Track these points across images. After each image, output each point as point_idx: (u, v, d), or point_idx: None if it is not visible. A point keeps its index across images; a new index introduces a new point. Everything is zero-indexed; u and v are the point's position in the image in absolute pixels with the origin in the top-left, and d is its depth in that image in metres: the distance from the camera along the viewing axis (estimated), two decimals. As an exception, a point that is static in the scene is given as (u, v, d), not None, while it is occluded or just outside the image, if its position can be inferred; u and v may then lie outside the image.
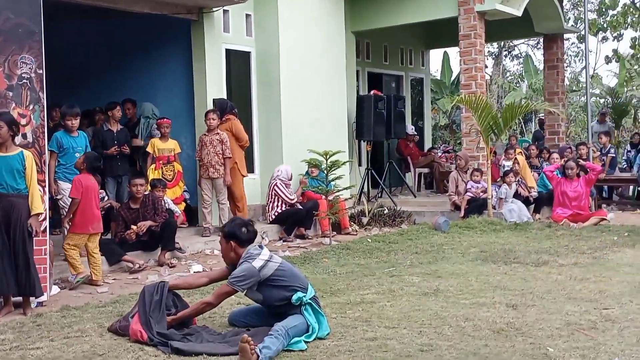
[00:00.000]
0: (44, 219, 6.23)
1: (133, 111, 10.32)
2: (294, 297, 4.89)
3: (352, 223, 10.84)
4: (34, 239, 5.98)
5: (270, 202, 10.24)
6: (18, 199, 5.85)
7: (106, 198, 8.76)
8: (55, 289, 6.71)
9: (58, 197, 7.81)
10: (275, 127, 11.04)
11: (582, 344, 4.62)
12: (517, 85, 29.63)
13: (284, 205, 10.18)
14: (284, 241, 9.89)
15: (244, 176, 10.06)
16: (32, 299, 6.00)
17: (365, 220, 11.11)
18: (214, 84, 10.29)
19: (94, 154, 7.64)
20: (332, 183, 10.13)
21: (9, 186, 5.82)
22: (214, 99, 10.13)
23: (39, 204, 5.97)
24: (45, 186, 6.34)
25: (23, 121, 6.20)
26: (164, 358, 4.49)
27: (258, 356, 4.31)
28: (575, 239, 9.21)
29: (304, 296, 4.92)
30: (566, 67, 26.10)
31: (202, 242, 9.17)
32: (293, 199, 10.23)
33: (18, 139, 6.08)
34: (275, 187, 10.22)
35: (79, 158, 7.41)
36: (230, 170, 9.64)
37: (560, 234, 9.56)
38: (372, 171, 12.95)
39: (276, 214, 10.19)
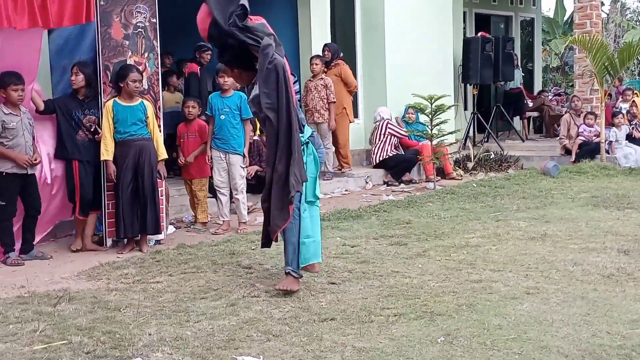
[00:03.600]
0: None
1: None
2: None
3: (456, 168, 10.74)
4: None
5: (381, 142, 10.29)
6: (145, 142, 6.26)
7: None
8: (172, 229, 7.09)
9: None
10: (380, 72, 10.99)
11: (698, 290, 4.46)
12: (637, 23, 27.87)
13: (394, 149, 10.24)
14: (387, 185, 9.95)
15: (350, 122, 10.16)
16: (149, 237, 6.40)
17: (470, 165, 10.97)
18: (318, 30, 10.32)
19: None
20: (437, 127, 10.03)
21: (137, 132, 6.22)
22: (326, 44, 10.17)
23: (164, 150, 6.46)
24: (160, 131, 6.65)
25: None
26: (274, 294, 4.69)
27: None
28: (696, 184, 8.75)
29: (302, 136, 4.84)
30: (692, 2, 24.25)
31: (308, 186, 9.35)
32: (406, 134, 10.28)
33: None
34: (389, 126, 10.30)
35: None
36: (338, 116, 9.79)
37: (680, 180, 9.12)
38: (478, 115, 12.69)
39: (386, 157, 10.24)
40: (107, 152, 6.18)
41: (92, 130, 6.26)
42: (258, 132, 8.91)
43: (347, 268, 5.32)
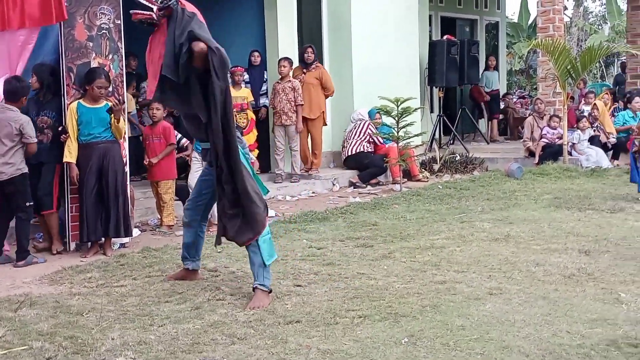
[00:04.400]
0: (125, 164, 6.50)
1: None
2: None
3: (422, 170, 10.83)
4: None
5: (359, 138, 10.39)
6: (109, 144, 6.21)
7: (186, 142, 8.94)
8: (136, 232, 7.02)
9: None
10: (346, 74, 11.04)
11: (656, 290, 4.57)
12: (599, 27, 28.39)
13: (367, 145, 10.35)
14: (354, 187, 9.99)
15: (324, 125, 10.24)
16: (114, 240, 6.34)
17: (436, 167, 11.07)
18: (285, 32, 10.31)
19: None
20: (403, 130, 10.10)
21: (101, 135, 6.16)
22: (310, 45, 10.19)
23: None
24: (125, 132, 6.59)
25: (103, 70, 6.44)
26: (239, 297, 4.69)
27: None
28: (655, 185, 8.92)
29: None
30: (652, 7, 24.73)
31: (274, 188, 9.36)
32: (382, 141, 10.40)
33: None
34: (370, 127, 10.43)
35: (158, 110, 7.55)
36: (316, 119, 9.87)
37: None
38: (444, 118, 12.82)
39: (362, 150, 10.31)
40: (70, 154, 6.11)
41: (58, 130, 6.19)
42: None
43: (313, 270, 5.34)
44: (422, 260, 5.56)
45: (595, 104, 11.75)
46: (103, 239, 6.22)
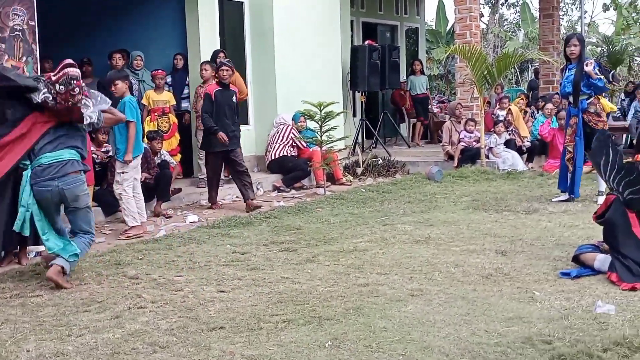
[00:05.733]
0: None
1: (124, 62, 10.17)
2: None
3: (346, 174, 10.94)
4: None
5: (282, 143, 10.42)
6: None
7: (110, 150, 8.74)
8: (54, 240, 6.80)
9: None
10: (270, 78, 11.04)
11: (567, 287, 4.76)
12: (514, 34, 29.37)
13: (291, 149, 10.42)
14: (278, 191, 9.98)
15: (239, 129, 10.20)
16: (29, 248, 6.12)
17: (359, 170, 11.21)
18: (207, 35, 10.23)
19: None
20: (326, 134, 10.18)
21: None
22: (223, 49, 10.10)
23: None
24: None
25: (16, 73, 6.21)
26: (161, 304, 4.61)
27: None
28: (567, 187, 9.30)
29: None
30: (562, 15, 25.88)
31: (197, 192, 9.26)
32: (305, 145, 10.49)
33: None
34: (293, 132, 10.46)
35: None
36: None
37: (552, 183, 9.65)
38: (367, 122, 12.99)
39: (285, 154, 10.36)
40: None
41: None
42: (146, 139, 8.73)
43: (236, 275, 5.31)
44: (346, 263, 5.61)
45: (510, 108, 12.15)
46: (18, 247, 5.99)
